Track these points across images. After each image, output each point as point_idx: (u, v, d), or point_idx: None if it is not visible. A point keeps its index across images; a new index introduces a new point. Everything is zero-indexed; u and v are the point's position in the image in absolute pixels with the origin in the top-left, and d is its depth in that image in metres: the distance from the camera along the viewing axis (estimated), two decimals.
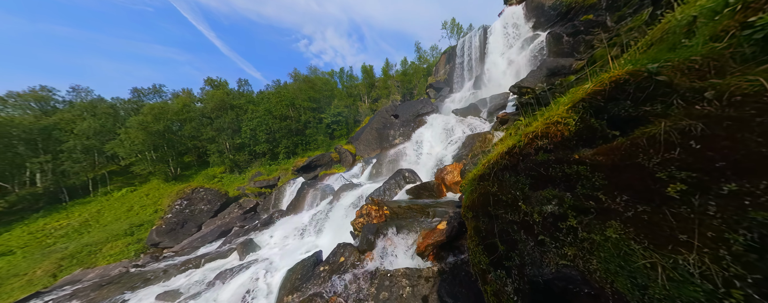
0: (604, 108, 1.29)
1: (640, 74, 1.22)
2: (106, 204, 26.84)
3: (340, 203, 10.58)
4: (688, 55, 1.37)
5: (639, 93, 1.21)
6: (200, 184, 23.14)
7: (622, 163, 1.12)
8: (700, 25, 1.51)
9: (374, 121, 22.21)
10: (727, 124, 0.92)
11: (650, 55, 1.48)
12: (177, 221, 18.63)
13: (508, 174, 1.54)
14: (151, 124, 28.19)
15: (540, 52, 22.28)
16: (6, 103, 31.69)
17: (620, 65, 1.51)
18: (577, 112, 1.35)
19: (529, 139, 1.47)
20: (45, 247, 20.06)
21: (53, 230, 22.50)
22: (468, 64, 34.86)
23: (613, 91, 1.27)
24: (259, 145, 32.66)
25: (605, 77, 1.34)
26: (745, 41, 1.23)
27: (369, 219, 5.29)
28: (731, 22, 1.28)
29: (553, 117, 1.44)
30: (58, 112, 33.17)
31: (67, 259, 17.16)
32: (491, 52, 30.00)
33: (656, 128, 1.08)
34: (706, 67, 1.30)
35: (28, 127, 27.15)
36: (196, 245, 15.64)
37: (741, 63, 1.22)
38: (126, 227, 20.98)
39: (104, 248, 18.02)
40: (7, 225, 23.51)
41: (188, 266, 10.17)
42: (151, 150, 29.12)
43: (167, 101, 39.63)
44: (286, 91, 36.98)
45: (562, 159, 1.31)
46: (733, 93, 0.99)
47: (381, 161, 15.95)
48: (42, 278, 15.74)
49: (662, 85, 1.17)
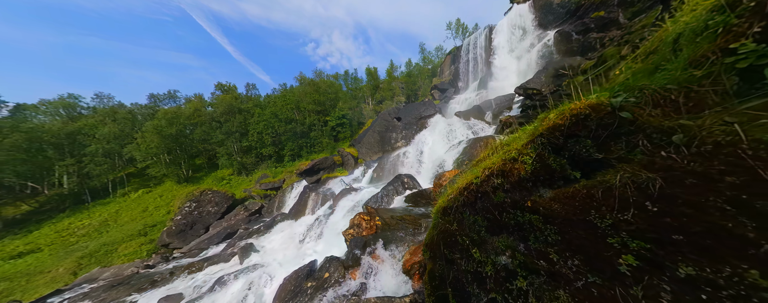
0: (564, 145, 1.14)
1: (602, 108, 1.07)
2: (124, 205, 28.33)
3: (340, 208, 10.57)
4: (664, 82, 1.19)
5: (601, 130, 1.06)
6: (209, 187, 23.94)
7: (575, 218, 0.97)
8: (682, 46, 1.32)
9: (376, 124, 22.18)
10: (690, 182, 0.77)
11: (626, 81, 1.31)
12: (186, 223, 19.29)
13: (468, 212, 1.40)
14: (165, 129, 29.60)
15: (547, 52, 21.57)
16: (38, 110, 34.34)
17: (594, 93, 1.35)
18: (535, 148, 1.21)
19: (485, 176, 1.33)
20: (68, 245, 21.39)
21: (76, 229, 23.96)
22: (473, 65, 34.30)
23: (573, 126, 1.12)
24: (265, 148, 33.45)
25: (566, 109, 1.18)
26: (727, 70, 1.05)
27: (359, 231, 5.20)
28: (712, 46, 1.10)
29: (510, 152, 1.29)
30: (83, 117, 35.41)
31: (87, 258, 18.18)
32: (497, 53, 29.35)
33: (613, 178, 0.93)
34: (684, 99, 1.13)
35: (56, 132, 29.27)
36: (203, 247, 16.12)
37: (721, 97, 1.04)
38: (140, 227, 22.02)
39: (120, 248, 18.96)
40: (38, 224, 25.28)
41: (192, 269, 10.45)
42: (165, 153, 30.52)
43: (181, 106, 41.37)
44: (291, 94, 37.73)
45: (517, 202, 1.17)
46: (704, 140, 0.83)
47: (382, 165, 15.86)
48: (63, 276, 16.72)
49: (626, 122, 1.02)
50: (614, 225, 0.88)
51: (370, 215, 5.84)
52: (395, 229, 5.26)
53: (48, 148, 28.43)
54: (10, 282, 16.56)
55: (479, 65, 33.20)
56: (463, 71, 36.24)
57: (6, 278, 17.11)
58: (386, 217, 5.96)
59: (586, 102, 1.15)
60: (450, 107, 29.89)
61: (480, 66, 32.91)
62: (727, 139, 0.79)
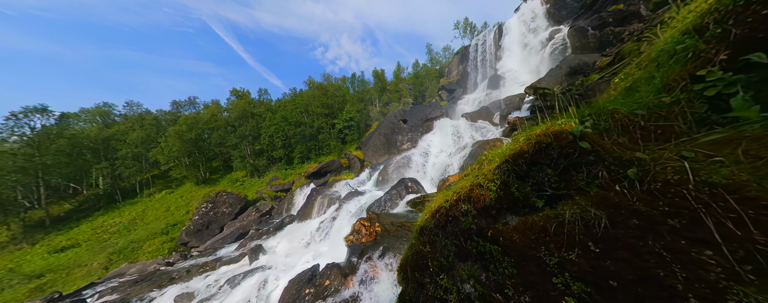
0: (528, 173, 1.14)
1: (563, 137, 1.05)
2: (149, 204, 30.50)
3: (345, 211, 10.73)
4: (634, 107, 1.15)
5: (562, 159, 1.04)
6: (224, 189, 25.15)
7: (529, 253, 0.96)
8: (659, 67, 1.26)
9: (382, 127, 22.29)
10: (633, 223, 0.74)
11: (598, 105, 1.27)
12: (203, 223, 20.35)
13: (441, 234, 1.41)
14: (186, 133, 31.63)
15: (561, 49, 20.75)
16: (79, 118, 37.99)
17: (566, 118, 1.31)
18: (501, 174, 1.20)
19: (454, 200, 1.34)
20: (102, 241, 23.34)
21: (109, 227, 26.15)
22: (482, 64, 33.62)
23: (536, 154, 1.12)
24: (275, 151, 34.62)
25: (532, 135, 1.18)
26: (696, 98, 1.01)
27: (358, 237, 5.27)
28: (682, 71, 1.05)
29: (478, 177, 1.29)
30: (116, 124, 38.61)
31: (116, 254, 19.77)
32: (507, 51, 28.61)
33: (569, 210, 0.92)
34: (653, 126, 1.08)
35: (93, 138, 32.29)
36: (217, 246, 16.91)
37: (689, 126, 0.99)
38: (163, 226, 23.59)
39: (144, 245, 20.40)
40: (77, 221, 27.85)
41: (205, 268, 11.00)
42: (185, 156, 32.50)
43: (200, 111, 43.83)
44: (300, 98, 38.79)
45: (482, 230, 1.17)
46: (656, 176, 0.80)
47: (387, 168, 15.91)
48: (97, 270, 18.30)
49: (587, 152, 1.00)
50: (560, 264, 0.87)
51: (370, 221, 5.90)
52: (395, 237, 5.28)
53: (87, 152, 31.37)
54: (54, 274, 18.41)
55: (488, 64, 32.50)
56: (471, 71, 35.63)
57: (51, 270, 19.05)
58: (386, 224, 5.99)
59: (550, 129, 1.14)
60: (458, 108, 29.46)
61: (489, 65, 32.21)
62: (675, 178, 0.76)
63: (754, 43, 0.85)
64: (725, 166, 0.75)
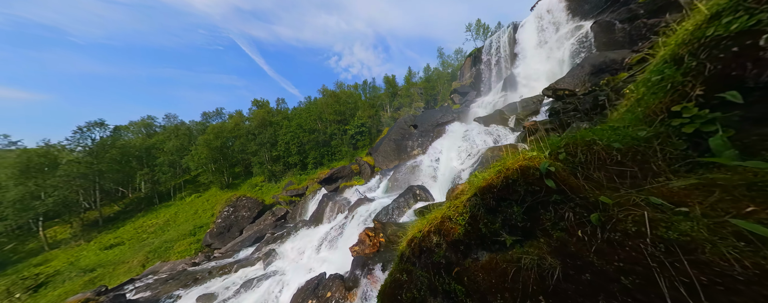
0: (497, 208, 1.10)
1: (530, 173, 1.01)
2: (181, 207, 33.32)
3: (354, 218, 10.83)
4: (612, 139, 1.08)
5: (529, 197, 1.00)
6: (243, 193, 26.71)
7: (488, 299, 0.92)
8: (643, 96, 1.16)
9: (392, 132, 22.35)
10: (586, 278, 0.69)
11: (576, 135, 1.19)
12: (225, 225, 21.67)
13: (417, 264, 1.39)
14: (212, 142, 34.45)
15: (584, 46, 19.56)
16: (128, 130, 43.31)
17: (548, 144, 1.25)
18: (470, 208, 1.18)
19: (426, 232, 1.32)
20: (141, 240, 25.93)
21: (148, 227, 29.05)
22: (496, 65, 32.64)
23: (503, 190, 1.08)
24: (291, 157, 36.17)
25: (502, 168, 1.14)
26: (675, 134, 0.92)
27: (363, 248, 5.29)
28: (661, 104, 0.97)
29: (450, 209, 1.27)
30: (156, 134, 43.25)
31: (152, 253, 21.79)
32: (523, 50, 27.55)
33: (526, 256, 0.88)
34: (629, 162, 1.01)
35: (138, 147, 36.49)
36: (236, 249, 17.84)
37: (666, 163, 0.91)
38: (191, 228, 25.58)
39: (175, 245, 22.26)
40: (123, 221, 31.31)
41: (225, 271, 11.65)
42: (212, 163, 35.24)
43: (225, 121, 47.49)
44: (315, 106, 40.40)
45: (451, 265, 1.15)
46: (617, 225, 0.74)
47: (397, 175, 15.84)
48: (136, 267, 20.29)
49: (555, 191, 0.95)
50: None
51: (375, 232, 5.90)
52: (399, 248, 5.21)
53: (133, 159, 35.48)
54: (103, 268, 20.84)
55: (503, 66, 31.48)
56: (485, 73, 34.71)
57: (101, 265, 21.61)
58: (391, 234, 5.95)
59: (518, 162, 1.11)
60: (471, 112, 28.66)
61: (504, 66, 31.18)
62: (633, 230, 0.71)
63: (728, 81, 0.78)
64: (688, 219, 0.69)
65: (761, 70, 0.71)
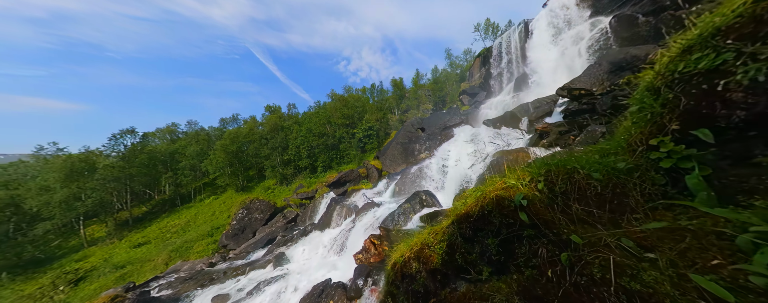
0: (474, 238, 1.09)
1: (505, 204, 0.99)
2: (200, 209, 35.27)
3: (360, 223, 10.90)
4: (592, 168, 1.03)
5: (504, 229, 0.99)
6: (257, 196, 27.80)
7: None
8: (629, 122, 1.10)
9: (400, 136, 22.34)
10: None
11: (557, 160, 1.15)
12: (239, 227, 22.59)
13: (400, 288, 1.39)
14: (229, 146, 36.36)
15: (602, 42, 18.62)
16: (155, 136, 46.95)
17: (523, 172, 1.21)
18: (448, 236, 1.17)
19: (407, 258, 1.32)
20: (165, 240, 27.73)
21: (171, 227, 31.05)
22: (507, 65, 31.81)
23: (479, 220, 1.07)
24: (301, 161, 37.19)
25: (480, 196, 1.13)
26: (653, 167, 0.88)
27: (367, 256, 5.31)
28: (641, 134, 0.92)
29: (429, 235, 1.27)
30: (179, 140, 46.35)
31: (174, 252, 23.20)
32: (535, 49, 26.69)
33: (498, 295, 0.86)
34: (609, 195, 0.96)
35: (163, 152, 39.33)
36: (249, 250, 18.51)
37: (645, 199, 0.86)
38: (208, 229, 26.98)
39: (194, 245, 23.56)
40: (149, 222, 33.70)
41: (238, 272, 12.12)
42: (228, 166, 37.10)
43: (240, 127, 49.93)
44: (324, 110, 41.36)
45: (429, 295, 1.14)
46: (584, 268, 0.71)
47: (404, 179, 15.77)
48: (160, 265, 21.70)
49: (526, 225, 0.93)
50: None
51: (379, 240, 5.90)
52: None
53: (158, 164, 38.23)
54: (132, 266, 22.54)
55: (514, 65, 30.61)
56: (495, 73, 33.92)
57: (130, 262, 23.39)
58: (396, 242, 5.93)
59: (495, 191, 1.09)
60: (480, 113, 28.07)
61: (515, 66, 30.31)
62: (599, 276, 0.69)
63: (701, 118, 0.75)
64: (654, 268, 0.66)
65: (730, 111, 0.67)
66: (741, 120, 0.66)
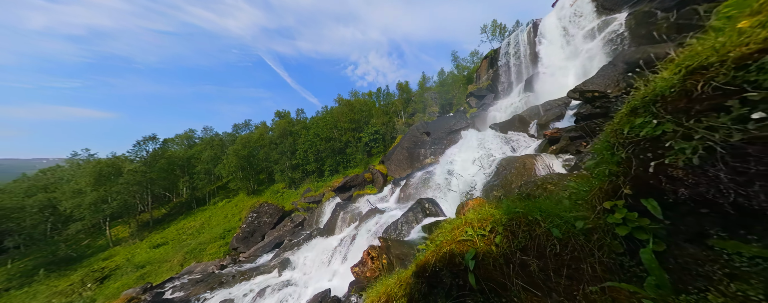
0: (429, 294, 1.02)
1: (455, 262, 0.93)
2: (214, 211, 36.72)
3: (363, 231, 10.87)
4: (555, 222, 0.94)
5: (455, 290, 0.92)
6: (266, 200, 28.55)
7: None
8: (592, 177, 1.00)
9: (405, 140, 22.21)
10: None
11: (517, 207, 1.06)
12: (249, 230, 23.23)
13: None
14: (240, 151, 37.76)
15: (616, 41, 17.79)
16: (173, 142, 49.70)
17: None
18: (410, 288, 1.11)
19: None
20: (181, 241, 28.98)
21: (187, 229, 32.48)
22: (516, 66, 31.06)
23: (432, 276, 1.01)
24: (309, 165, 37.90)
25: (437, 247, 1.07)
26: (610, 233, 0.78)
27: (363, 270, 5.25)
28: (599, 192, 0.83)
29: (395, 285, 1.21)
30: (195, 145, 48.61)
31: (189, 254, 24.16)
32: (545, 49, 25.91)
33: None
34: (568, 257, 0.87)
35: (181, 157, 41.56)
36: (258, 254, 18.93)
37: (602, 268, 0.77)
38: (220, 232, 27.94)
39: (207, 248, 24.45)
40: (168, 223, 35.44)
41: (245, 277, 12.42)
42: (240, 171, 38.46)
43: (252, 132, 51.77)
44: (331, 115, 42.02)
45: None
46: None
47: (409, 184, 15.61)
48: (175, 266, 22.66)
49: (475, 290, 0.85)
50: None
51: (378, 252, 5.83)
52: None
53: (176, 168, 40.37)
54: (151, 265, 23.75)
55: (523, 66, 29.82)
56: (503, 75, 33.19)
57: (150, 262, 24.67)
58: (394, 256, 5.83)
59: (449, 245, 1.03)
60: (488, 116, 27.47)
61: (524, 67, 29.52)
62: None
63: (649, 188, 0.67)
64: None
65: (675, 187, 0.59)
66: (687, 198, 0.58)
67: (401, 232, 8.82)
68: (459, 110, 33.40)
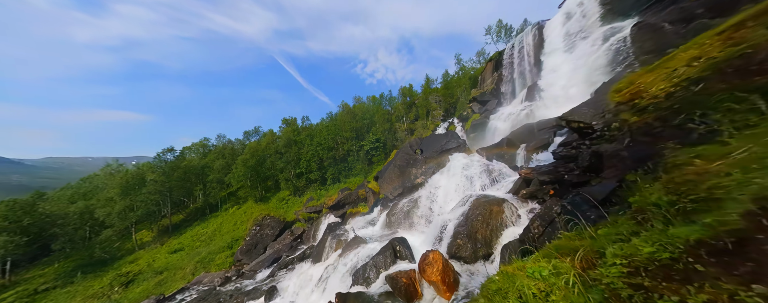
0: None
1: None
2: (225, 218, 39.21)
3: (340, 266, 11.48)
4: None
5: None
6: (272, 208, 30.21)
7: None
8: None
9: (398, 158, 22.42)
10: None
11: None
12: (252, 243, 24.91)
13: None
14: (248, 161, 39.80)
15: (621, 52, 16.73)
16: (191, 150, 53.06)
17: None
18: None
19: None
20: (195, 248, 31.39)
21: (200, 236, 35.01)
22: (520, 71, 29.87)
23: None
24: (312, 174, 39.22)
25: None
26: None
27: None
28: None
29: None
30: (209, 154, 51.40)
31: (200, 263, 26.22)
32: (549, 55, 24.70)
33: None
34: None
35: (196, 166, 44.58)
36: (257, 269, 20.35)
37: None
38: (229, 241, 29.90)
39: (216, 258, 26.33)
40: (184, 229, 38.47)
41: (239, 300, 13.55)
42: (248, 179, 40.66)
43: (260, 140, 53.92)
44: (333, 124, 42.81)
45: None
46: None
47: (395, 210, 15.97)
48: (188, 275, 24.74)
49: None
50: None
51: None
52: None
53: (192, 176, 43.40)
54: (168, 272, 26.03)
55: (527, 72, 28.63)
56: (507, 79, 32.02)
57: (167, 268, 27.03)
58: None
59: None
60: (489, 125, 26.86)
61: (528, 72, 28.34)
62: None
63: None
64: None
65: None
66: None
67: (369, 277, 9.28)
68: (448, 132, 32.73)
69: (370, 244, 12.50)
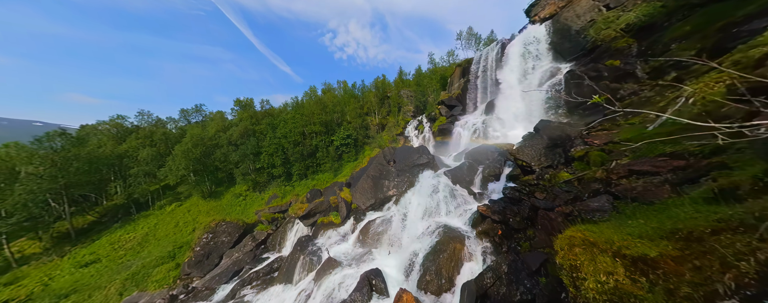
0: None
1: None
2: (161, 218, 33.04)
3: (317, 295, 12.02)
4: None
5: None
6: (223, 217, 27.12)
7: None
8: None
9: (371, 168, 22.86)
10: None
11: None
12: (204, 253, 22.59)
13: None
14: (191, 152, 33.31)
15: (557, 92, 19.88)
16: (97, 131, 40.58)
17: None
18: None
19: None
20: (119, 258, 25.74)
21: (124, 242, 28.69)
22: (483, 84, 32.55)
23: None
24: (275, 169, 36.28)
25: None
26: None
27: None
28: None
29: None
30: (128, 138, 40.60)
31: (129, 280, 21.65)
32: (506, 77, 27.38)
33: None
34: None
35: (109, 156, 34.62)
36: (214, 284, 18.88)
37: None
38: (170, 249, 25.71)
39: (153, 272, 21.90)
40: (98, 234, 30.81)
41: None
42: (191, 174, 34.70)
43: (205, 122, 45.18)
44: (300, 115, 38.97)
45: None
46: None
47: (368, 228, 16.90)
48: (113, 296, 19.70)
49: None
50: None
51: None
52: None
53: (103, 168, 33.89)
54: (78, 294, 19.69)
55: (488, 87, 31.42)
56: (471, 89, 34.52)
57: (76, 289, 20.39)
58: None
59: None
60: (454, 131, 29.37)
61: (489, 88, 31.14)
62: None
63: None
64: None
65: None
66: None
67: None
68: (419, 147, 34.43)
69: (345, 269, 13.28)
